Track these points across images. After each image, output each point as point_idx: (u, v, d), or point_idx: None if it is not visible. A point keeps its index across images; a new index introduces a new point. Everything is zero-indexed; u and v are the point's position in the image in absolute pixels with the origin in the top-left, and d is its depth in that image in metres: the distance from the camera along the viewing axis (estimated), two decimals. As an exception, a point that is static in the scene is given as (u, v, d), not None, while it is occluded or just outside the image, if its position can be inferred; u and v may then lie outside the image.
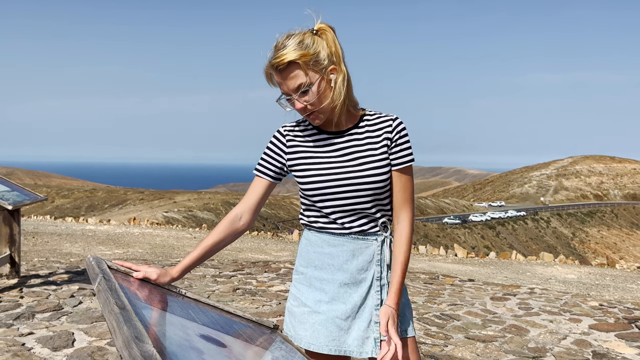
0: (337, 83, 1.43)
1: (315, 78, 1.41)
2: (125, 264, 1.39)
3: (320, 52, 1.41)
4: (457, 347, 3.56)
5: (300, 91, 1.41)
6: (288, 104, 1.47)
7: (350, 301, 1.47)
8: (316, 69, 1.41)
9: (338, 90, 1.43)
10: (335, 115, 1.48)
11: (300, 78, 1.40)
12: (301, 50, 1.39)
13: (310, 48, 1.40)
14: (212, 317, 1.29)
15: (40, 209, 48.55)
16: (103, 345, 3.11)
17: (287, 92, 1.43)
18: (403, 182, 1.50)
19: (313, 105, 1.43)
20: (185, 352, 0.86)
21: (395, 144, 1.49)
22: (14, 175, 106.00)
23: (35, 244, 8.09)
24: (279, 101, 1.48)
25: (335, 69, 1.43)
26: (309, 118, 1.48)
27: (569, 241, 66.81)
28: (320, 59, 1.41)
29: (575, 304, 5.09)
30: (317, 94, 1.42)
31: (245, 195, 1.57)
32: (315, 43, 1.41)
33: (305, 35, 1.42)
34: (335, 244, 1.49)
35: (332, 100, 1.44)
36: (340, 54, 1.44)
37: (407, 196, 1.50)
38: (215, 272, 5.97)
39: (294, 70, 1.40)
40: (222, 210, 50.94)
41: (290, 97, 1.44)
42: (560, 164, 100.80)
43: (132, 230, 11.24)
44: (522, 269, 8.48)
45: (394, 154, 1.49)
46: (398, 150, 1.49)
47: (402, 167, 1.49)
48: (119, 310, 0.83)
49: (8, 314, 3.60)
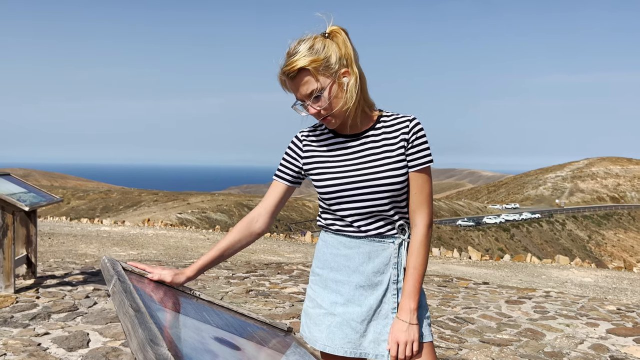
0: (349, 86, 1.43)
1: (326, 83, 1.41)
2: (140, 266, 1.40)
3: (331, 56, 1.41)
4: (472, 350, 3.52)
5: (312, 97, 1.42)
6: (303, 109, 1.47)
7: (365, 304, 1.46)
8: (327, 74, 1.41)
9: (350, 93, 1.43)
10: (350, 117, 1.47)
11: (311, 84, 1.40)
12: (311, 56, 1.39)
13: (320, 53, 1.40)
14: (226, 319, 1.29)
15: (56, 210, 49.14)
16: (117, 346, 3.13)
17: (301, 98, 1.44)
18: (420, 184, 1.47)
19: (326, 110, 1.44)
20: (200, 355, 0.85)
21: (412, 144, 1.47)
22: (30, 176, 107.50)
23: (51, 245, 8.18)
24: (295, 107, 1.48)
25: (347, 72, 1.43)
26: (324, 122, 1.48)
27: (584, 244, 65.95)
28: (331, 63, 1.40)
29: (592, 308, 5.01)
30: (329, 98, 1.42)
31: (263, 199, 1.58)
32: (325, 47, 1.41)
33: (316, 40, 1.42)
34: (352, 246, 1.48)
35: (344, 104, 1.43)
36: (352, 56, 1.44)
37: (423, 199, 1.47)
38: (228, 274, 5.99)
39: (304, 76, 1.40)
40: (235, 212, 51.14)
41: (304, 102, 1.45)
42: (576, 166, 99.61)
43: (146, 232, 11.32)
44: (537, 272, 8.38)
45: (411, 155, 1.47)
46: (415, 151, 1.47)
47: (418, 169, 1.47)
48: (133, 313, 0.83)
49: (24, 314, 3.64)
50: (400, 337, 1.40)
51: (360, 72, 1.45)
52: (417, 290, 1.44)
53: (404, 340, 1.39)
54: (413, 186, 1.47)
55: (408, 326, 1.40)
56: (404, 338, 1.39)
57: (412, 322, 1.41)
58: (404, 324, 1.41)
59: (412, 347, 1.40)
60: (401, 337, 1.40)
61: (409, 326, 1.41)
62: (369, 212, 1.46)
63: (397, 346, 1.39)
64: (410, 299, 1.42)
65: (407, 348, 1.39)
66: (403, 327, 1.40)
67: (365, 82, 1.48)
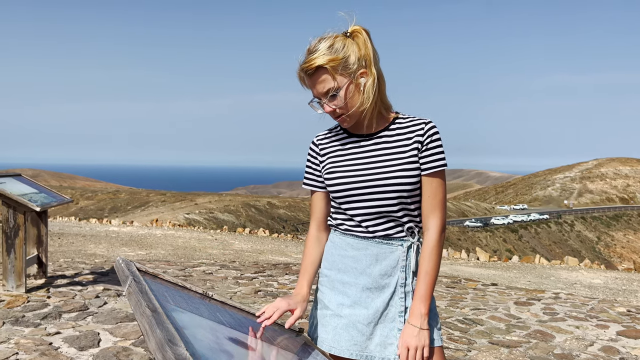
0: (366, 86, 1.43)
1: (343, 82, 1.41)
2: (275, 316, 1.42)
3: (350, 56, 1.41)
4: (481, 352, 3.51)
5: (329, 95, 1.43)
6: (319, 106, 1.48)
7: (372, 306, 1.46)
8: (345, 73, 1.41)
9: (367, 93, 1.43)
10: (365, 118, 1.47)
11: (328, 83, 1.41)
12: (330, 55, 1.39)
13: (339, 52, 1.40)
14: (239, 319, 1.30)
15: (65, 210, 49.46)
16: (128, 346, 3.15)
17: (317, 95, 1.45)
18: (433, 187, 1.46)
19: (342, 109, 1.44)
20: (216, 355, 0.86)
21: (426, 147, 1.46)
22: (40, 177, 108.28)
23: (60, 245, 8.25)
24: (311, 104, 1.49)
25: (365, 72, 1.43)
26: (339, 121, 1.49)
27: (594, 245, 65.49)
28: (349, 63, 1.41)
29: (602, 310, 4.98)
30: (345, 98, 1.42)
31: (311, 213, 1.61)
32: (345, 47, 1.41)
33: (337, 39, 1.42)
34: (359, 247, 1.48)
35: (361, 104, 1.44)
36: (371, 57, 1.44)
37: (437, 203, 1.46)
38: (236, 274, 6.01)
39: (322, 75, 1.41)
40: (242, 212, 51.25)
41: (321, 100, 1.46)
42: (585, 167, 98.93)
43: (154, 232, 11.38)
44: (546, 274, 8.34)
45: (424, 158, 1.46)
46: (429, 154, 1.46)
47: (432, 172, 1.46)
48: (150, 313, 0.84)
49: (36, 314, 3.67)
50: (411, 342, 1.39)
51: (379, 74, 1.45)
52: (429, 295, 1.43)
53: (415, 345, 1.39)
54: (426, 190, 1.46)
55: (419, 331, 1.40)
56: (414, 343, 1.39)
57: (423, 327, 1.41)
58: (415, 329, 1.40)
59: (423, 352, 1.39)
60: (412, 342, 1.39)
61: (420, 331, 1.40)
62: (377, 213, 1.45)
63: (408, 351, 1.39)
64: (421, 304, 1.42)
65: (418, 353, 1.38)
66: (414, 332, 1.40)
67: (384, 83, 1.48)
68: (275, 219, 53.31)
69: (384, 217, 1.46)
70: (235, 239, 11.16)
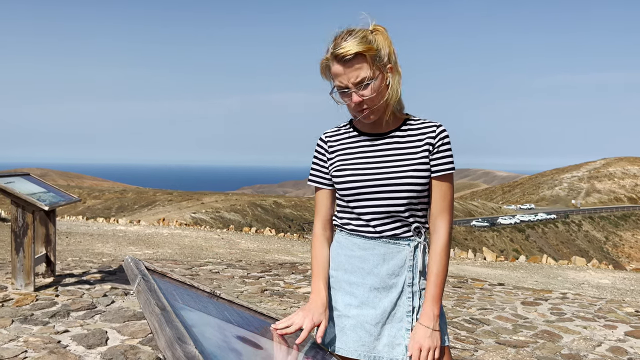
0: (393, 82, 1.44)
1: (376, 74, 1.41)
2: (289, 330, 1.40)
3: (381, 50, 1.41)
4: (488, 352, 3.51)
5: (362, 84, 1.40)
6: (342, 97, 1.45)
7: (380, 306, 1.45)
8: (377, 65, 1.41)
9: (394, 89, 1.44)
10: (387, 114, 1.47)
11: (364, 71, 1.39)
12: (367, 44, 1.38)
13: (373, 44, 1.40)
14: (246, 318, 1.31)
15: (73, 210, 49.76)
16: (135, 344, 3.17)
17: (346, 84, 1.41)
18: (443, 190, 1.46)
19: (370, 101, 1.42)
20: (224, 353, 0.87)
21: (437, 149, 1.47)
22: (47, 176, 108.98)
23: (68, 244, 8.30)
24: (332, 94, 1.47)
25: (392, 68, 1.44)
26: (362, 114, 1.45)
27: (601, 245, 65.10)
28: (381, 55, 1.41)
29: (610, 310, 4.96)
30: (376, 89, 1.41)
31: (316, 211, 1.59)
32: (376, 40, 1.41)
33: (366, 32, 1.42)
34: (366, 247, 1.47)
35: (386, 100, 1.44)
36: (396, 55, 1.45)
37: (445, 205, 1.46)
38: (243, 273, 6.02)
39: (359, 62, 1.39)
40: (248, 212, 51.35)
41: (347, 90, 1.42)
42: (593, 166, 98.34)
43: (161, 231, 11.42)
44: (553, 273, 8.30)
45: (435, 160, 1.46)
46: (439, 156, 1.47)
47: (442, 175, 1.47)
48: (160, 312, 0.84)
49: (44, 312, 3.70)
50: (424, 343, 1.39)
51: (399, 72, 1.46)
52: (440, 296, 1.43)
53: (427, 346, 1.39)
54: (436, 192, 1.47)
55: (431, 332, 1.40)
56: (427, 344, 1.39)
57: (435, 328, 1.41)
58: (427, 330, 1.40)
59: (435, 353, 1.39)
60: (425, 343, 1.39)
61: (432, 332, 1.40)
62: (386, 212, 1.45)
63: (420, 352, 1.39)
64: (434, 305, 1.42)
65: (430, 354, 1.38)
66: (427, 333, 1.40)
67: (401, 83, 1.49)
68: (281, 219, 53.39)
69: (393, 217, 1.46)
70: (241, 238, 11.18)
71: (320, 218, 1.58)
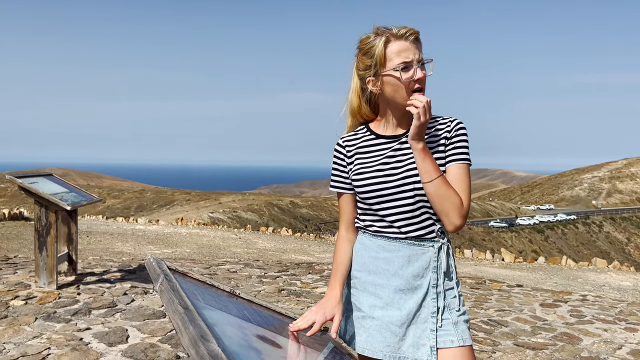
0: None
1: None
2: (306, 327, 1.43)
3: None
4: (506, 354, 3.48)
5: (422, 63, 1.47)
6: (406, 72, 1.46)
7: (405, 307, 1.46)
8: None
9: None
10: None
11: (421, 52, 1.49)
12: None
13: None
14: (266, 317, 1.33)
15: (93, 209, 50.50)
16: (155, 342, 3.22)
17: (412, 59, 1.46)
18: (458, 174, 1.46)
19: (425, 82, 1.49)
20: (245, 351, 0.89)
21: (451, 142, 1.49)
22: (68, 176, 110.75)
23: (89, 243, 8.44)
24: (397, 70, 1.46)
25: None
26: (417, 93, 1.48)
27: (623, 246, 63.96)
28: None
29: (632, 313, 4.88)
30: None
31: (341, 215, 1.61)
32: None
33: None
34: (391, 249, 1.48)
35: None
36: None
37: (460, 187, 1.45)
38: (260, 273, 6.06)
39: (418, 44, 1.48)
40: (265, 212, 51.56)
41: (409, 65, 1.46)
42: (614, 166, 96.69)
43: (179, 230, 11.54)
44: (573, 275, 8.19)
45: (450, 151, 1.48)
46: (454, 146, 1.48)
47: (456, 163, 1.47)
48: (183, 310, 0.87)
49: (67, 310, 3.77)
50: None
51: None
52: (425, 152, 1.43)
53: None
54: (451, 175, 1.47)
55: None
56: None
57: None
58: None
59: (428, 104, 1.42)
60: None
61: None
62: (410, 213, 1.46)
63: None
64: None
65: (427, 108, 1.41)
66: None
67: None
68: (297, 218, 53.50)
69: (416, 218, 1.47)
70: (258, 237, 11.25)
71: (345, 222, 1.60)
